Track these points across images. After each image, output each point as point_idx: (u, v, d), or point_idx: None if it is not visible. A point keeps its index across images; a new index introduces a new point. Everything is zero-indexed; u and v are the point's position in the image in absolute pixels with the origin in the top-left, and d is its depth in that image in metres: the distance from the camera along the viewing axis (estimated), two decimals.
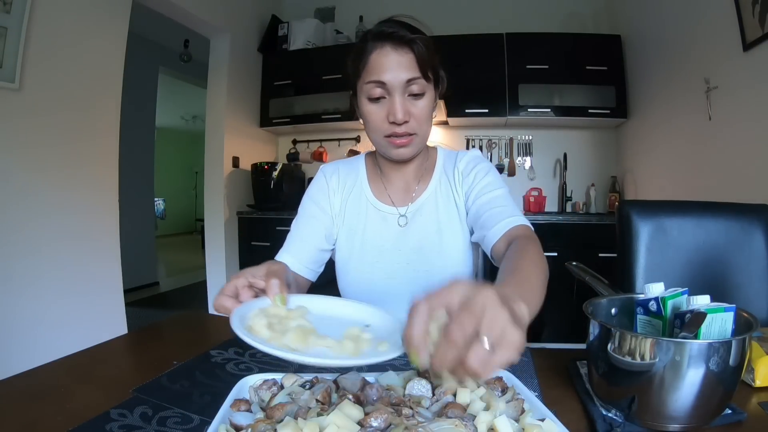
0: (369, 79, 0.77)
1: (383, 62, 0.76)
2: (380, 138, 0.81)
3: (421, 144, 0.84)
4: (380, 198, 0.93)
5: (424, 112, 0.79)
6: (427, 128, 0.83)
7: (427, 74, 0.77)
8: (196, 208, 8.89)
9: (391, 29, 0.76)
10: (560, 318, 2.63)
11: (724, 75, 1.80)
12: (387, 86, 0.76)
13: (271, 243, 2.90)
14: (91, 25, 1.92)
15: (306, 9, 3.40)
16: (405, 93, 0.77)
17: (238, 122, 3.04)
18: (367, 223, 0.91)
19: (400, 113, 0.76)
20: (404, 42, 0.75)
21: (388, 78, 0.75)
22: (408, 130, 0.79)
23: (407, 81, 0.76)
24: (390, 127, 0.78)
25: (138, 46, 3.16)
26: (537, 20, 3.03)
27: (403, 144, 0.80)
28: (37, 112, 1.72)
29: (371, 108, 0.79)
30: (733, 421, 0.48)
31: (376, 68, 0.76)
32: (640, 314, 0.58)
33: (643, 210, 1.05)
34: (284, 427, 0.38)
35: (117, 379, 0.60)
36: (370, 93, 0.78)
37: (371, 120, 0.80)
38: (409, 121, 0.78)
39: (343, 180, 0.95)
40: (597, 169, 3.07)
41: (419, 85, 0.77)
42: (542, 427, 0.39)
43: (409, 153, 0.83)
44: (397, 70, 0.75)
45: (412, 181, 0.92)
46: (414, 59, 0.76)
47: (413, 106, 0.78)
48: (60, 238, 1.82)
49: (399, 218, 0.90)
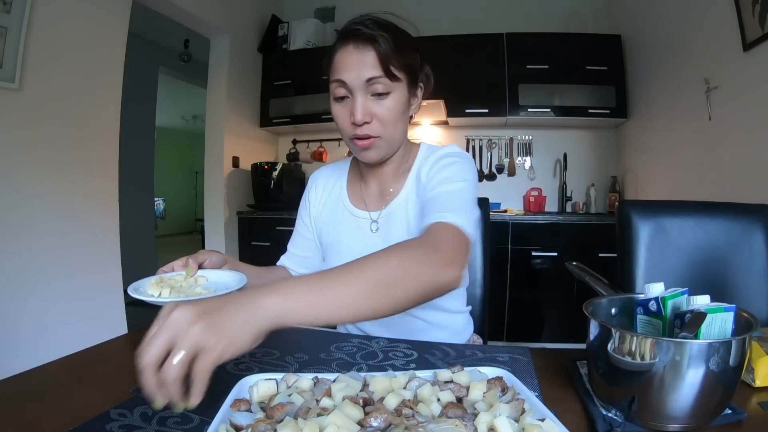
0: (332, 79, 0.76)
1: (345, 61, 0.74)
2: (347, 140, 0.79)
3: (387, 147, 0.80)
4: (356, 203, 0.91)
5: (390, 113, 0.75)
6: (393, 130, 0.78)
7: (391, 73, 0.73)
8: (196, 208, 8.89)
9: (355, 26, 0.74)
10: (560, 318, 2.64)
11: (724, 75, 1.80)
12: (347, 86, 0.74)
13: (271, 243, 2.90)
14: (91, 25, 1.92)
15: (306, 9, 3.40)
16: (367, 93, 0.74)
17: (238, 122, 3.04)
18: (342, 227, 0.90)
19: (359, 113, 0.73)
20: (365, 39, 0.73)
21: (348, 77, 0.73)
22: (369, 132, 0.75)
23: (368, 80, 0.73)
24: (353, 127, 0.76)
25: (138, 46, 3.16)
26: (537, 20, 3.03)
27: (365, 146, 0.77)
28: (37, 112, 1.72)
29: (337, 108, 0.78)
30: (733, 421, 0.48)
31: (338, 67, 0.75)
32: (640, 314, 0.58)
33: (643, 210, 1.05)
34: (284, 427, 0.38)
35: (117, 379, 0.60)
36: (335, 93, 0.76)
37: (338, 121, 0.79)
38: (371, 122, 0.75)
39: (323, 185, 0.96)
40: (597, 169, 3.07)
41: (383, 85, 0.74)
42: (542, 427, 0.39)
43: (373, 156, 0.79)
44: (358, 69, 0.73)
45: (387, 184, 0.89)
46: (375, 57, 0.72)
47: (378, 106, 0.75)
48: (60, 238, 1.82)
49: (371, 224, 0.88)
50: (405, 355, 0.68)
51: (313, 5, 3.40)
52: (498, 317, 2.64)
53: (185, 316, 0.42)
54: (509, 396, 0.46)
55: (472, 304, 1.05)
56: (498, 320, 2.65)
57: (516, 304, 2.64)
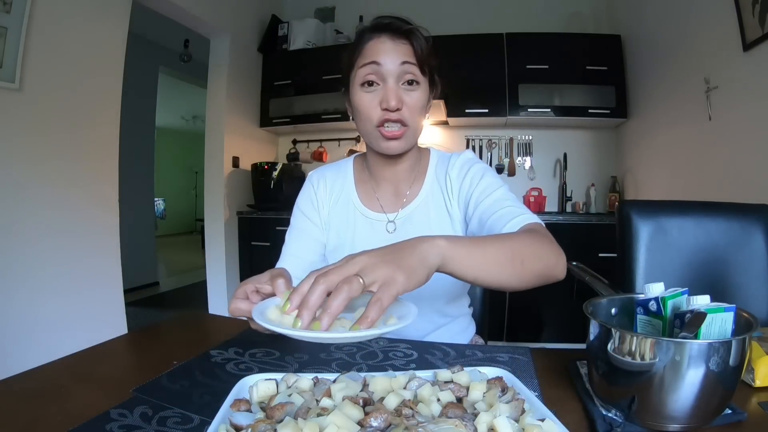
0: (364, 62, 0.75)
1: (380, 48, 0.74)
2: (371, 128, 0.77)
3: (412, 138, 0.80)
4: (368, 203, 0.89)
5: (417, 103, 0.77)
6: (419, 122, 0.79)
7: (423, 66, 0.76)
8: (196, 208, 8.89)
9: (390, 21, 0.75)
10: (560, 318, 2.64)
11: (724, 75, 1.80)
12: (382, 69, 0.74)
13: (271, 243, 2.90)
14: (91, 25, 1.92)
15: (306, 9, 3.40)
16: (399, 81, 0.75)
17: (238, 122, 3.04)
18: (355, 230, 0.88)
19: (393, 99, 0.74)
20: (402, 32, 0.74)
21: (384, 59, 0.74)
22: (401, 117, 0.75)
23: (402, 63, 0.74)
24: (383, 113, 0.75)
25: (138, 46, 3.16)
26: (537, 20, 3.03)
27: (395, 136, 0.76)
28: (37, 112, 1.72)
29: (363, 96, 0.77)
30: (733, 421, 0.48)
31: (371, 53, 0.75)
32: (640, 314, 0.58)
33: (643, 210, 1.05)
34: (284, 427, 0.38)
35: (117, 379, 0.60)
36: (365, 77, 0.75)
37: (363, 108, 0.77)
38: (402, 109, 0.75)
39: (330, 186, 0.92)
40: (597, 169, 3.07)
41: (414, 75, 0.75)
42: (542, 427, 0.39)
43: (399, 146, 0.79)
44: (393, 54, 0.74)
45: (402, 185, 0.88)
46: (411, 50, 0.74)
47: (407, 96, 0.76)
48: (60, 239, 1.82)
49: (387, 224, 0.87)
50: (405, 355, 0.68)
51: (313, 5, 3.41)
52: (498, 317, 2.65)
53: (372, 257, 0.46)
54: (509, 396, 0.46)
55: (472, 305, 1.05)
56: (498, 320, 2.65)
57: (516, 304, 2.64)
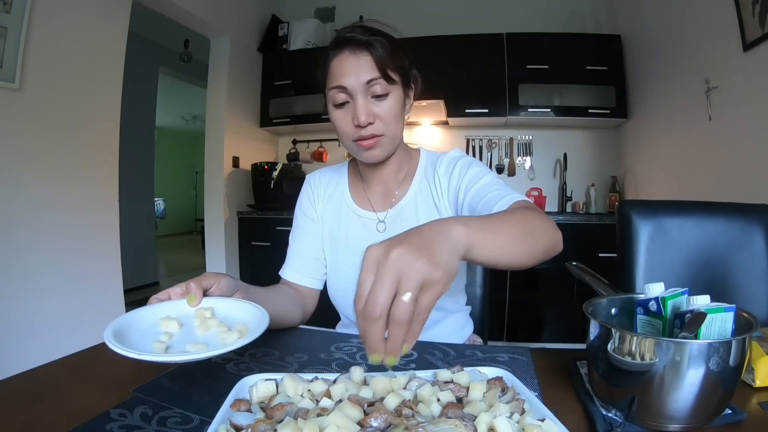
0: (331, 86, 0.78)
1: (343, 67, 0.76)
2: (349, 143, 0.81)
3: (390, 145, 0.83)
4: (360, 203, 0.93)
5: (389, 112, 0.79)
6: (395, 129, 0.82)
7: (387, 75, 0.77)
8: (196, 208, 8.90)
9: (349, 34, 0.77)
10: (560, 318, 2.64)
11: (724, 75, 1.80)
12: (348, 90, 0.77)
13: (271, 243, 2.90)
14: (91, 25, 1.92)
15: (306, 9, 3.40)
16: (367, 95, 0.77)
17: (238, 122, 3.04)
18: (348, 228, 0.92)
19: (362, 115, 0.76)
20: (361, 45, 0.76)
21: (348, 82, 0.76)
22: (373, 131, 0.78)
23: (367, 82, 0.76)
24: (356, 130, 0.78)
25: (138, 46, 3.16)
26: (537, 20, 3.03)
27: (371, 145, 0.79)
28: (37, 112, 1.72)
29: (337, 114, 0.80)
30: (733, 421, 0.48)
31: (336, 74, 0.77)
32: (640, 314, 0.58)
33: (643, 210, 1.05)
34: (284, 427, 0.38)
35: (117, 379, 0.60)
36: (335, 99, 0.79)
37: (339, 126, 0.81)
38: (374, 122, 0.78)
39: (325, 185, 0.97)
40: (597, 169, 3.07)
41: (381, 86, 0.77)
42: (542, 427, 0.39)
43: (378, 154, 0.82)
44: (357, 73, 0.76)
45: (392, 186, 0.91)
46: (372, 61, 0.76)
47: (377, 107, 0.78)
48: (60, 239, 1.82)
49: (378, 224, 0.90)
50: (405, 355, 0.68)
51: (313, 5, 3.41)
52: (498, 317, 2.64)
53: (407, 252, 0.38)
54: (509, 396, 0.46)
55: (472, 304, 1.05)
56: (498, 320, 2.65)
57: (516, 304, 2.64)
